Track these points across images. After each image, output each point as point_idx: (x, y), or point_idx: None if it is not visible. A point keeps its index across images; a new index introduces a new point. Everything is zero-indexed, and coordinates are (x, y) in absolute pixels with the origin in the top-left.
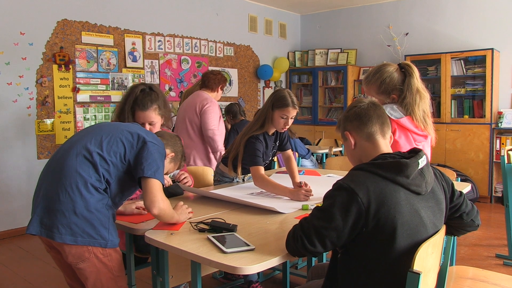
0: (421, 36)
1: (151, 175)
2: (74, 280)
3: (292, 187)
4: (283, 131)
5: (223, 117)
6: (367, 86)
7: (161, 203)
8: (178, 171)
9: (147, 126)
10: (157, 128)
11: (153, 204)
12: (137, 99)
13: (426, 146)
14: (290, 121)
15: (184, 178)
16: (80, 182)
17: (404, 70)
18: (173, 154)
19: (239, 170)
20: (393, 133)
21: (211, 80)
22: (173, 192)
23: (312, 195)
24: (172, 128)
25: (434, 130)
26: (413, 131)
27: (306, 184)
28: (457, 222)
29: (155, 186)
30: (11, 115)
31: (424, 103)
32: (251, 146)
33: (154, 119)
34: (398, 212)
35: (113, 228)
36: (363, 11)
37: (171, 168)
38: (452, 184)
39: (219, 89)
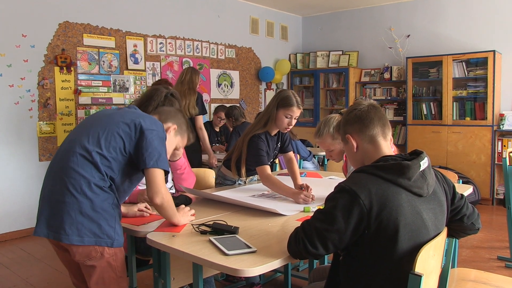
0: (422, 38)
1: (153, 165)
2: (80, 280)
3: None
4: (286, 131)
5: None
6: (320, 138)
7: (164, 194)
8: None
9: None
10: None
11: (156, 194)
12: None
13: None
14: (294, 121)
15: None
16: (83, 183)
17: None
18: (175, 126)
19: (243, 171)
20: None
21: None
22: (179, 203)
23: (313, 199)
24: None
25: None
26: None
27: (308, 187)
28: (457, 225)
29: (158, 176)
30: (13, 117)
31: None
32: (254, 146)
33: None
34: (400, 214)
35: (119, 227)
36: (364, 13)
37: (179, 141)
38: (454, 186)
39: None
